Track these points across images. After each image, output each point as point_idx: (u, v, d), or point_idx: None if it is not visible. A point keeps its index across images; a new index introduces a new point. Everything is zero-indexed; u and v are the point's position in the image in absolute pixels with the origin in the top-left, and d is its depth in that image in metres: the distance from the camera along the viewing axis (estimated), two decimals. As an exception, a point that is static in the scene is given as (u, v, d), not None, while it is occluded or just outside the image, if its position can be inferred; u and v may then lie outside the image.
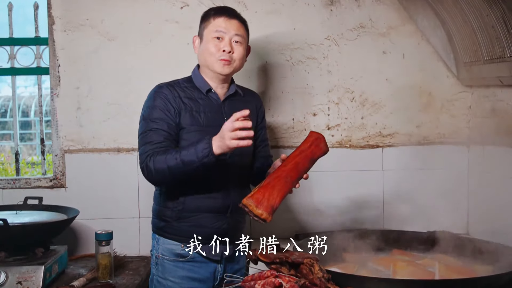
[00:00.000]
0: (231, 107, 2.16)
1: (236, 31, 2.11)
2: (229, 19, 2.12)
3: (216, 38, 2.10)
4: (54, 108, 2.74)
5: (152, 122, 2.07)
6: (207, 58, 2.12)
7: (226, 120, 2.10)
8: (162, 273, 2.18)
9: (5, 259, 2.22)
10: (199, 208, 2.12)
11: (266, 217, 1.83)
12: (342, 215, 2.80)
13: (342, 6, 2.78)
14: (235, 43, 2.11)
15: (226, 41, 2.10)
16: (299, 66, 2.79)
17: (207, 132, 2.07)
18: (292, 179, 1.91)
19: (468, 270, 1.99)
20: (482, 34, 2.33)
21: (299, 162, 1.93)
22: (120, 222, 2.71)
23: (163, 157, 1.98)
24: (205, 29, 2.14)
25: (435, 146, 2.83)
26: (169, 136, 2.06)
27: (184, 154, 1.95)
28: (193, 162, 1.93)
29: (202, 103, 2.13)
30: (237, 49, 2.12)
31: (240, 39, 2.12)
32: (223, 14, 2.13)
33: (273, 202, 1.84)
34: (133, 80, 2.72)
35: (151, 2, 2.72)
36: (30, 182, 2.76)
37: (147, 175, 2.04)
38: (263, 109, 2.35)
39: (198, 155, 1.92)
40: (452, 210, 2.73)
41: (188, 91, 2.14)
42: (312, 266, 1.71)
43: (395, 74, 2.82)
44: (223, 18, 2.11)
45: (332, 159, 2.78)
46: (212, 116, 2.12)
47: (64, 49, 2.71)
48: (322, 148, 1.98)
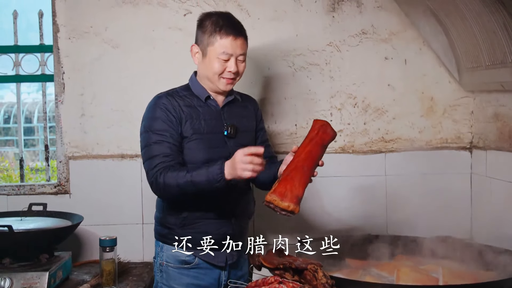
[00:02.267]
0: (230, 113, 2.17)
1: (241, 50, 2.09)
2: (235, 39, 2.06)
3: (222, 59, 2.06)
4: (58, 114, 2.75)
5: (155, 134, 2.05)
6: (210, 75, 2.10)
7: (226, 126, 2.12)
8: (167, 280, 2.17)
9: (10, 265, 2.23)
10: (204, 215, 2.12)
11: (294, 208, 1.82)
12: (345, 221, 2.80)
13: (344, 13, 2.79)
14: (239, 62, 2.10)
15: (232, 62, 2.07)
16: (302, 72, 2.81)
17: (208, 139, 2.09)
18: (309, 167, 1.91)
19: (472, 276, 1.99)
20: (484, 40, 2.34)
21: (312, 150, 1.93)
22: (124, 228, 2.71)
23: (174, 174, 1.97)
24: (210, 45, 2.07)
25: (437, 151, 2.83)
26: (174, 147, 2.05)
27: (195, 175, 1.94)
28: (205, 185, 1.93)
29: (202, 110, 2.13)
30: (241, 65, 2.11)
31: (243, 57, 2.11)
32: (230, 34, 2.06)
33: (297, 192, 1.84)
34: (136, 87, 2.74)
35: (155, 10, 2.74)
36: (34, 188, 2.77)
37: (156, 191, 2.04)
38: (260, 112, 2.37)
39: (209, 178, 1.92)
40: (456, 215, 2.74)
41: (187, 99, 2.13)
42: (316, 272, 1.72)
43: (397, 79, 2.83)
44: (230, 39, 2.05)
45: (334, 165, 2.81)
46: (212, 123, 2.12)
47: (68, 57, 2.73)
48: (330, 133, 1.98)
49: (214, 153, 2.09)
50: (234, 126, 2.14)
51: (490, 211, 2.61)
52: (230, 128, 2.13)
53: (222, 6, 2.73)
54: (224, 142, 2.13)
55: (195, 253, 2.11)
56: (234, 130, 2.14)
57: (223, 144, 2.12)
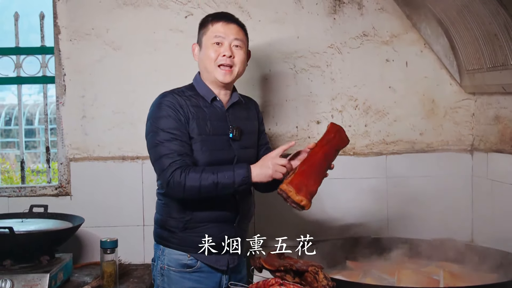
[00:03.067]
0: (235, 115, 2.17)
1: (235, 35, 2.10)
2: (227, 24, 2.10)
3: (216, 44, 2.08)
4: (59, 116, 2.76)
5: (164, 133, 2.00)
6: (207, 65, 2.10)
7: (231, 128, 2.12)
8: (168, 284, 2.14)
9: (11, 267, 2.23)
10: (207, 218, 2.10)
11: (306, 204, 1.84)
12: (346, 223, 2.80)
13: (345, 15, 2.80)
14: (235, 47, 2.10)
15: (226, 46, 2.08)
16: (303, 74, 2.81)
17: (213, 141, 2.08)
18: (323, 168, 1.94)
19: (473, 278, 1.99)
20: (485, 42, 2.34)
21: (327, 152, 1.96)
22: (125, 230, 2.71)
23: (198, 175, 1.94)
24: (204, 35, 2.12)
25: (438, 153, 2.83)
26: (186, 145, 2.02)
27: (221, 177, 1.94)
28: (229, 187, 1.95)
29: (208, 111, 2.11)
30: (238, 52, 2.10)
31: (239, 43, 2.10)
32: (221, 19, 2.11)
33: (312, 189, 1.86)
34: (138, 88, 2.74)
35: (156, 12, 2.74)
36: (35, 190, 2.78)
37: (174, 190, 1.98)
38: (261, 114, 2.37)
39: (236, 180, 1.94)
40: (456, 217, 2.73)
41: (193, 99, 2.11)
42: (317, 274, 1.71)
43: (398, 81, 2.83)
44: (221, 23, 2.10)
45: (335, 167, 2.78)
46: (217, 125, 2.11)
47: (69, 58, 2.73)
48: (345, 139, 2.02)
49: (218, 155, 2.08)
50: (239, 128, 2.13)
51: (491, 213, 2.61)
52: (235, 130, 2.12)
53: (224, 8, 2.73)
54: (229, 144, 2.11)
55: (197, 256, 2.11)
56: (239, 133, 2.13)
57: (227, 146, 2.11)
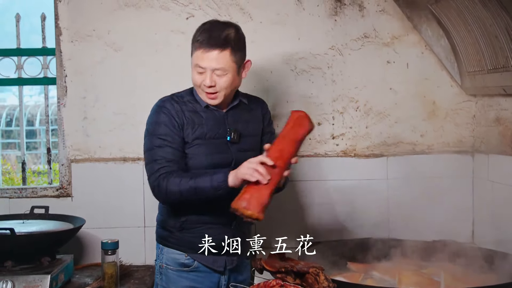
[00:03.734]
0: (234, 118, 2.15)
1: (215, 64, 1.98)
2: (207, 52, 1.97)
3: (198, 72, 2.02)
4: (60, 117, 2.76)
5: (158, 139, 2.04)
6: (194, 85, 2.09)
7: (229, 131, 2.11)
8: (166, 282, 2.17)
9: (12, 268, 2.24)
10: (203, 219, 2.11)
11: (258, 216, 1.78)
12: (347, 224, 2.80)
13: (346, 16, 2.80)
14: (216, 76, 2.01)
15: (207, 74, 2.00)
16: (304, 75, 2.81)
17: (211, 144, 2.08)
18: (280, 169, 1.84)
19: (473, 279, 1.99)
20: (486, 44, 2.34)
21: (283, 149, 1.87)
22: (126, 231, 2.71)
23: (177, 180, 1.96)
24: (191, 57, 2.05)
25: (439, 155, 2.83)
26: (177, 152, 2.04)
27: (199, 181, 1.94)
28: (207, 191, 1.94)
29: (205, 115, 2.10)
30: (220, 80, 2.01)
31: (220, 72, 2.00)
32: (201, 46, 1.98)
33: (263, 200, 1.79)
34: (139, 90, 2.74)
35: (157, 13, 2.75)
36: (36, 191, 2.78)
37: (158, 195, 2.04)
38: (269, 115, 2.31)
39: (213, 185, 1.92)
40: (457, 219, 2.73)
41: (190, 104, 2.11)
42: (318, 276, 1.72)
43: (399, 83, 2.83)
44: (201, 51, 1.98)
45: (336, 168, 2.82)
46: (215, 128, 2.10)
47: (71, 60, 2.74)
48: (306, 126, 1.89)
49: (217, 159, 2.08)
50: (237, 131, 2.12)
51: (491, 215, 2.61)
52: (234, 133, 2.11)
53: (225, 9, 2.74)
54: (227, 147, 2.11)
55: (194, 256, 2.13)
56: (237, 136, 2.12)
57: (226, 149, 2.11)
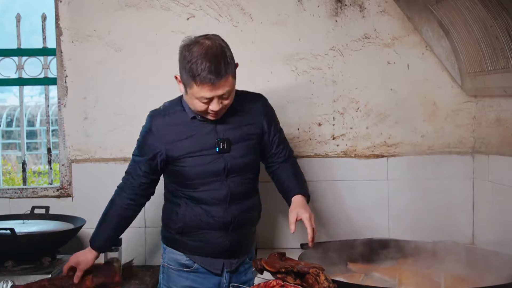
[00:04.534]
0: (224, 125, 2.09)
1: (223, 90, 1.94)
2: (214, 85, 1.91)
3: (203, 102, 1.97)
4: (61, 118, 2.76)
5: (138, 153, 2.15)
6: (193, 110, 2.04)
7: (217, 142, 2.06)
8: (167, 281, 2.20)
9: (12, 268, 2.24)
10: (200, 225, 2.12)
11: None
12: (347, 225, 2.80)
13: (347, 17, 2.80)
14: (222, 99, 1.98)
15: (215, 102, 1.96)
16: (304, 76, 2.81)
17: (201, 156, 2.07)
18: None
19: (474, 280, 1.99)
20: (486, 45, 2.34)
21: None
22: (126, 231, 2.67)
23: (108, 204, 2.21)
24: (188, 87, 1.95)
25: (440, 155, 2.83)
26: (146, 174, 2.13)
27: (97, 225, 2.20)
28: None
29: (193, 127, 2.08)
30: (226, 101, 1.99)
31: (227, 95, 1.97)
32: (207, 83, 1.90)
33: None
34: (139, 90, 2.75)
35: (158, 14, 2.75)
36: (37, 191, 2.78)
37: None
38: (270, 110, 2.24)
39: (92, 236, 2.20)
40: (457, 219, 2.73)
41: (178, 115, 2.09)
42: (318, 276, 1.71)
43: (399, 84, 2.82)
44: (208, 87, 1.91)
45: (337, 169, 2.82)
46: (204, 140, 2.08)
47: (71, 60, 2.74)
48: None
49: (209, 168, 2.08)
50: (226, 141, 2.08)
51: (492, 216, 2.61)
52: (222, 143, 2.07)
53: (225, 10, 2.74)
54: (217, 157, 2.08)
55: (193, 258, 2.14)
56: (227, 145, 2.08)
57: (217, 158, 2.08)
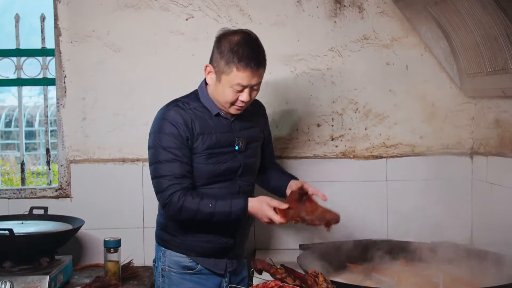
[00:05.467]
0: (240, 125, 2.14)
1: (258, 80, 2.00)
2: (253, 73, 1.95)
3: (236, 90, 1.98)
4: (60, 118, 2.76)
5: (165, 151, 1.99)
6: (221, 100, 2.04)
7: (237, 141, 2.09)
8: (169, 285, 2.17)
9: (11, 269, 2.23)
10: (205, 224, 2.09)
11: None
12: (346, 226, 2.79)
13: (346, 18, 2.80)
14: (253, 90, 2.02)
15: (246, 91, 1.99)
16: (303, 77, 2.81)
17: (218, 153, 2.07)
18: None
19: (472, 281, 1.99)
20: (485, 46, 2.34)
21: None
22: (125, 232, 2.70)
23: (197, 200, 1.96)
24: (225, 74, 1.97)
25: (438, 156, 2.83)
26: (186, 167, 2.01)
27: (218, 206, 1.96)
28: (224, 215, 1.98)
29: (213, 123, 2.08)
30: (255, 93, 2.04)
31: (257, 87, 2.02)
32: (248, 67, 1.93)
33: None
34: (138, 91, 2.74)
35: (157, 14, 2.75)
36: (35, 192, 2.77)
37: (173, 213, 2.01)
38: (266, 116, 2.37)
39: (232, 211, 1.96)
40: (456, 220, 2.73)
41: (197, 111, 2.06)
42: (317, 277, 1.71)
43: (398, 85, 2.83)
44: (248, 73, 1.94)
45: (335, 170, 2.81)
46: (223, 137, 2.09)
47: (70, 60, 2.74)
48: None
49: (225, 167, 2.09)
50: (244, 140, 2.12)
51: (490, 216, 2.61)
52: (241, 142, 2.10)
53: (224, 10, 2.74)
54: (234, 155, 2.11)
55: (196, 259, 2.13)
56: (244, 144, 2.11)
57: (233, 157, 2.11)
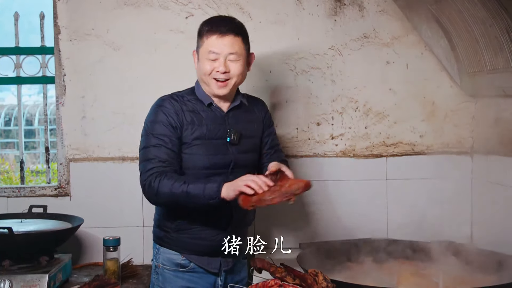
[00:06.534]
0: (235, 118, 2.15)
1: (230, 49, 2.02)
2: (221, 37, 2.02)
3: (211, 59, 2.04)
4: (59, 117, 2.75)
5: (154, 138, 2.04)
6: (202, 76, 2.09)
7: (229, 132, 2.10)
8: (162, 282, 2.17)
9: (10, 267, 2.23)
10: (199, 221, 2.11)
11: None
12: (346, 224, 2.80)
13: (346, 17, 2.80)
14: (230, 62, 2.04)
15: (221, 61, 2.03)
16: (303, 75, 2.81)
17: (210, 145, 2.07)
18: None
19: (472, 280, 1.99)
20: (486, 45, 2.34)
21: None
22: (124, 230, 2.69)
23: (170, 181, 1.95)
24: (200, 47, 2.08)
25: (438, 155, 2.83)
26: (172, 153, 2.03)
27: (191, 188, 1.93)
28: (198, 199, 1.93)
29: (205, 115, 2.10)
30: (233, 66, 2.05)
31: (235, 57, 2.04)
32: (215, 32, 2.02)
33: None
34: (138, 89, 2.74)
35: (156, 12, 2.74)
36: (35, 190, 2.77)
37: (148, 194, 2.02)
38: (269, 115, 2.33)
39: (205, 193, 1.92)
40: (456, 220, 2.73)
41: (190, 103, 2.11)
42: (317, 276, 1.71)
43: (398, 84, 2.82)
44: (215, 37, 2.02)
45: (335, 169, 2.81)
46: (215, 128, 2.10)
47: (69, 59, 2.73)
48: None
49: (215, 159, 2.08)
50: (237, 133, 2.11)
51: (490, 216, 2.61)
52: (234, 134, 2.10)
53: (224, 9, 2.73)
54: (226, 148, 2.11)
55: (189, 257, 2.13)
56: (237, 137, 2.11)
57: (225, 150, 2.11)
